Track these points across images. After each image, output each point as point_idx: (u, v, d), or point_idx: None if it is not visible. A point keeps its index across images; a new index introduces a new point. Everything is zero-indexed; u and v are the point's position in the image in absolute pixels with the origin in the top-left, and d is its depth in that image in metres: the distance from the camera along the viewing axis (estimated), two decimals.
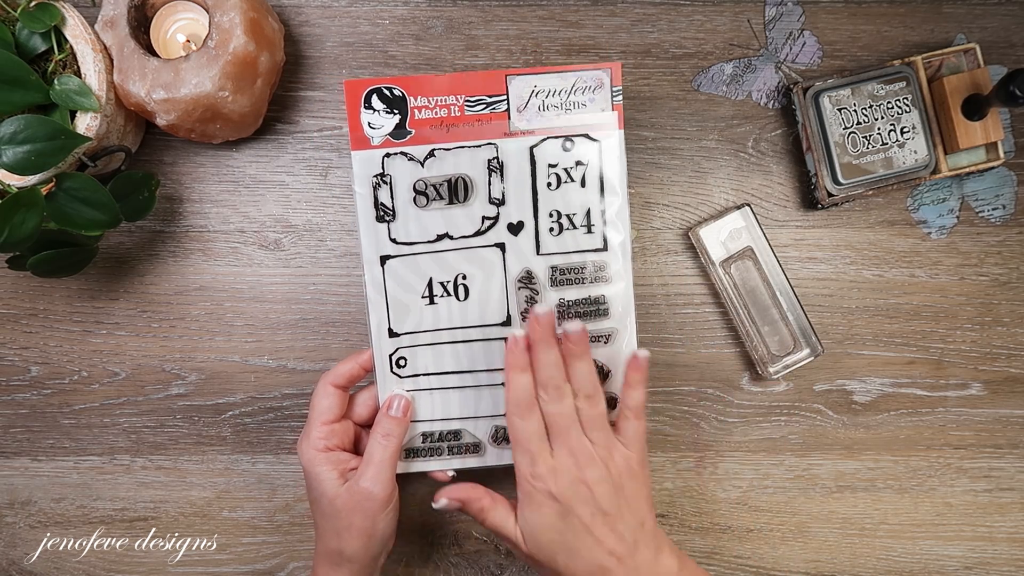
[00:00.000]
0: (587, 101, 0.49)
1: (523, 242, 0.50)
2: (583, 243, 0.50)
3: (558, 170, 0.49)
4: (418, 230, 0.50)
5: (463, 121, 0.49)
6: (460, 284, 0.50)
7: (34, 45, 0.50)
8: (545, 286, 0.50)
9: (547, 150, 0.49)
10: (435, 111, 0.48)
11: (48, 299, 0.58)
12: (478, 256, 0.50)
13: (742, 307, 0.57)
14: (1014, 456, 0.59)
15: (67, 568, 0.59)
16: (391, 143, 0.49)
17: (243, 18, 0.50)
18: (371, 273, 0.50)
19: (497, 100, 0.49)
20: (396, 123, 0.48)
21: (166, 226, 0.58)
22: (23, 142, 0.46)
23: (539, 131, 0.49)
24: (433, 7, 0.58)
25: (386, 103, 0.48)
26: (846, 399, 0.59)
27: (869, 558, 0.59)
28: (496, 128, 0.49)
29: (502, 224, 0.50)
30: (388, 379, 0.51)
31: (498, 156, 0.49)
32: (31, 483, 0.59)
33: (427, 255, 0.50)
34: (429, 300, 0.50)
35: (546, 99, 0.49)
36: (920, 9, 0.58)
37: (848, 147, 0.55)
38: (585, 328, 0.46)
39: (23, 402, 0.58)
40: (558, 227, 0.50)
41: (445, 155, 0.49)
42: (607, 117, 0.49)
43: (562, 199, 0.50)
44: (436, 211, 0.49)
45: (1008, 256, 0.58)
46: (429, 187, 0.49)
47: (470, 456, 0.52)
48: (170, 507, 0.59)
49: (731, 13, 0.58)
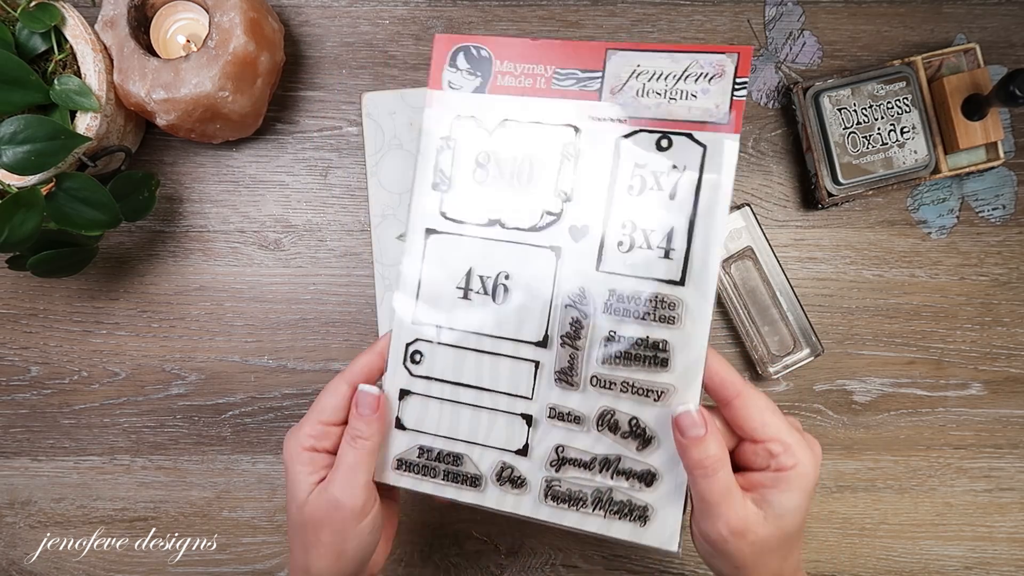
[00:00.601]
0: (699, 92, 0.40)
1: (584, 251, 0.41)
2: (656, 270, 0.40)
3: (645, 172, 0.40)
4: (470, 208, 0.43)
5: (547, 95, 0.42)
6: (501, 283, 0.43)
7: (34, 45, 0.50)
8: (597, 310, 0.41)
9: (637, 145, 0.41)
10: (519, 79, 0.42)
11: (48, 299, 0.58)
12: (528, 256, 0.42)
13: (742, 307, 0.57)
14: (1014, 456, 0.59)
15: (67, 568, 0.59)
16: (465, 106, 0.43)
17: (243, 18, 0.50)
18: (412, 246, 0.43)
19: (590, 76, 0.41)
20: (476, 86, 0.42)
21: (166, 226, 0.58)
22: (23, 142, 0.46)
23: (632, 120, 0.40)
24: (433, 7, 0.58)
25: (471, 63, 0.42)
26: (846, 399, 0.59)
27: (869, 558, 0.59)
28: (582, 109, 0.41)
29: (563, 224, 0.41)
30: (398, 372, 0.44)
31: (576, 142, 0.41)
32: (31, 483, 0.59)
33: (473, 240, 0.43)
34: (464, 294, 0.43)
35: (648, 83, 0.40)
36: (920, 9, 0.58)
37: (848, 147, 0.55)
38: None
39: (23, 402, 0.58)
40: (629, 242, 0.41)
41: (518, 129, 0.42)
42: (722, 115, 0.39)
43: (642, 209, 0.40)
44: (494, 190, 0.42)
45: (1008, 256, 0.58)
46: (492, 161, 0.42)
47: (467, 489, 0.43)
48: (170, 507, 0.59)
49: (731, 13, 0.58)
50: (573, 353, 0.41)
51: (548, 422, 0.42)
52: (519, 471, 0.43)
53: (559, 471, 0.42)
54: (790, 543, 0.39)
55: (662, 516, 0.41)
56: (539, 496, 0.42)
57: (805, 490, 0.38)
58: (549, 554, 0.59)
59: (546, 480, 0.42)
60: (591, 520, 0.42)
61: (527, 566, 0.59)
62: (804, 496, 0.38)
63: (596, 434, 0.42)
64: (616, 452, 0.41)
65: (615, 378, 0.41)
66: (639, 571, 0.59)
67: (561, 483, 0.42)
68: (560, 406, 0.42)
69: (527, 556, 0.59)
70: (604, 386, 0.41)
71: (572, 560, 0.59)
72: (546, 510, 0.42)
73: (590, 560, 0.59)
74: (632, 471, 0.41)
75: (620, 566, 0.59)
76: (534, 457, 0.42)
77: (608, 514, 0.42)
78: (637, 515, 0.41)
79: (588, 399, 0.41)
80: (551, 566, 0.59)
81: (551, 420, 0.42)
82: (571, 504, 0.42)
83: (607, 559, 0.59)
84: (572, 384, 0.42)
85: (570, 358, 0.42)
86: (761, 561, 0.39)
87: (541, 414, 0.42)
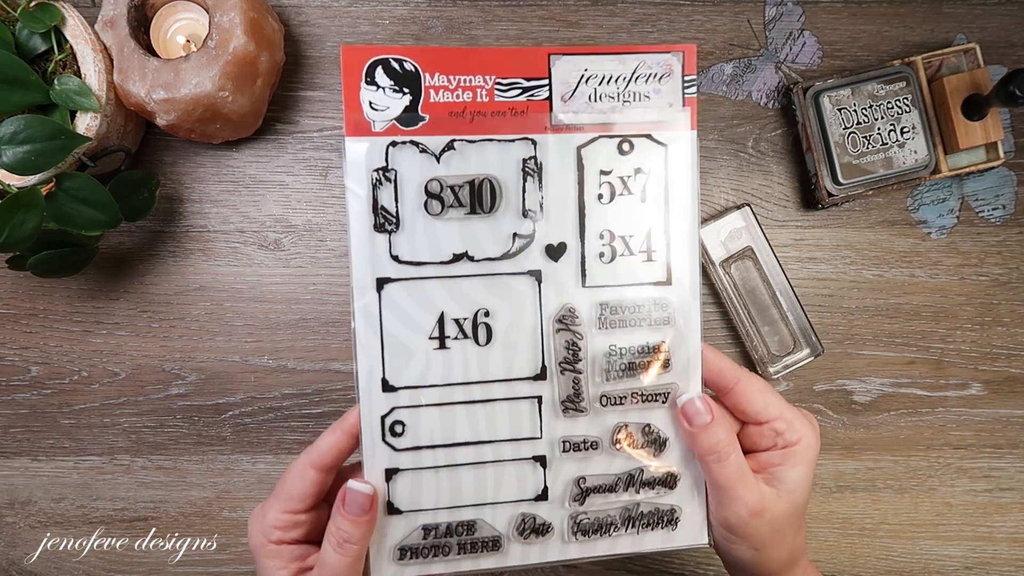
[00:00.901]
0: (651, 92, 0.39)
1: (564, 270, 0.39)
2: (641, 274, 0.39)
3: (612, 179, 0.39)
4: (428, 246, 0.38)
5: (492, 109, 0.38)
6: (481, 323, 0.39)
7: (34, 45, 0.50)
8: (591, 328, 0.39)
9: (599, 151, 0.39)
10: (456, 94, 0.38)
11: (48, 299, 0.58)
12: (505, 287, 0.39)
13: (742, 307, 0.57)
14: (1014, 456, 0.59)
15: (67, 568, 0.59)
16: (398, 130, 0.37)
17: (243, 18, 0.50)
18: (362, 301, 0.38)
19: (537, 85, 0.38)
20: (405, 105, 0.37)
21: (166, 226, 0.58)
22: (23, 142, 0.46)
23: (589, 127, 0.39)
24: (433, 7, 0.58)
25: (394, 79, 0.37)
26: (846, 399, 0.59)
27: (869, 558, 0.59)
28: (534, 120, 0.38)
29: (538, 245, 0.39)
30: (378, 450, 0.38)
31: (536, 156, 0.38)
32: (31, 483, 0.59)
33: (438, 280, 0.38)
34: (439, 343, 0.39)
35: (599, 87, 0.39)
36: (920, 9, 0.58)
37: (848, 147, 0.55)
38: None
39: (23, 402, 0.58)
40: (611, 252, 0.39)
41: (468, 149, 0.38)
42: (676, 114, 0.39)
43: (616, 216, 0.39)
44: (453, 222, 0.38)
45: (1008, 256, 0.58)
46: (446, 189, 0.38)
47: (486, 555, 0.40)
48: (170, 507, 0.59)
49: (731, 13, 0.58)
50: (576, 378, 0.40)
51: (562, 456, 0.40)
52: (542, 517, 0.40)
53: (583, 504, 0.40)
54: (800, 517, 0.41)
55: (688, 513, 0.41)
56: (567, 535, 0.41)
57: (812, 461, 0.40)
58: None
59: (572, 516, 0.40)
60: (622, 541, 0.41)
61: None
62: (810, 468, 0.40)
63: (611, 452, 0.40)
64: (635, 465, 0.41)
65: (623, 391, 0.40)
66: (639, 571, 0.59)
67: (588, 515, 0.41)
68: (572, 436, 0.40)
69: None
70: (614, 403, 0.40)
71: None
72: (575, 547, 0.41)
73: (590, 560, 0.59)
74: (655, 478, 0.41)
75: (620, 566, 0.59)
76: (554, 498, 0.40)
77: (640, 529, 0.41)
78: (667, 520, 0.41)
79: (598, 420, 0.40)
80: (551, 566, 0.59)
81: (565, 454, 0.40)
82: (601, 532, 0.41)
83: (607, 559, 0.59)
84: (581, 410, 0.40)
85: (574, 383, 0.40)
86: (779, 538, 0.39)
87: (554, 450, 0.40)
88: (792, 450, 0.39)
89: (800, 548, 0.42)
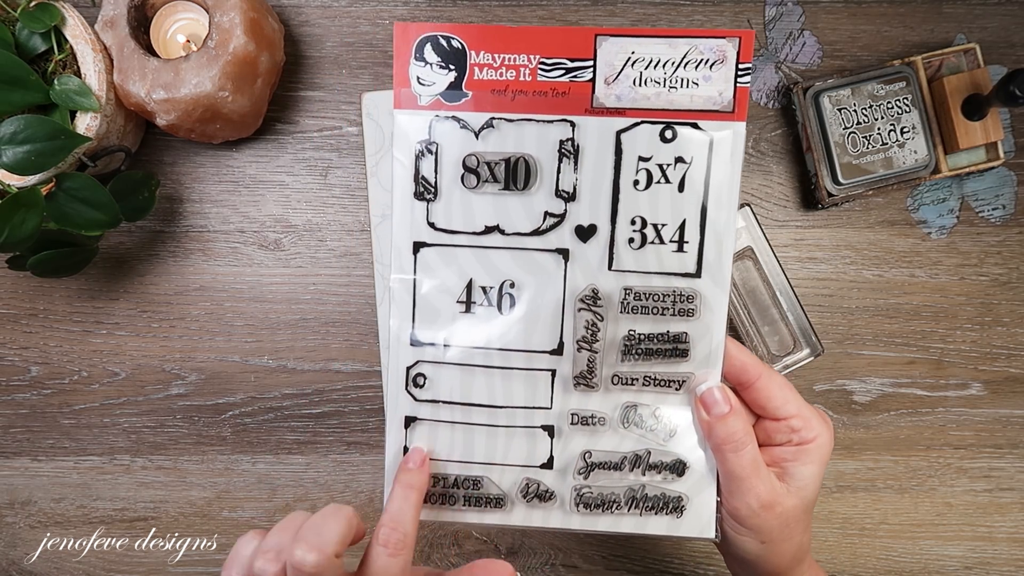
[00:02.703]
0: (701, 79, 0.37)
1: (593, 252, 0.39)
2: (670, 264, 0.39)
3: (651, 165, 0.38)
4: (463, 217, 0.39)
5: (534, 89, 0.38)
6: (507, 293, 0.40)
7: (34, 45, 0.50)
8: (614, 311, 0.40)
9: (639, 137, 0.38)
10: (500, 72, 0.38)
11: (48, 299, 0.58)
12: (533, 261, 0.40)
13: (742, 307, 0.57)
14: (1014, 456, 0.59)
15: (67, 568, 0.59)
16: (442, 105, 0.39)
17: (243, 18, 0.50)
18: (399, 262, 0.40)
19: (581, 66, 0.38)
20: (450, 82, 0.38)
21: (166, 226, 0.58)
22: (23, 142, 0.46)
23: (631, 111, 0.38)
24: (433, 7, 0.58)
25: (441, 56, 0.38)
26: (846, 399, 0.59)
27: (869, 558, 0.59)
28: (576, 101, 0.38)
29: (568, 225, 0.39)
30: (401, 398, 0.41)
31: (574, 138, 0.38)
32: (31, 483, 0.59)
33: (470, 249, 0.40)
34: (466, 307, 0.40)
35: (645, 71, 0.37)
36: (920, 9, 0.58)
37: (848, 147, 0.55)
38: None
39: (23, 402, 0.58)
40: (640, 238, 0.39)
41: (507, 127, 0.38)
42: (726, 103, 0.37)
43: (651, 204, 0.39)
44: (488, 196, 0.39)
45: (1008, 256, 0.58)
46: (482, 164, 0.39)
47: (491, 510, 0.41)
48: (170, 507, 0.59)
49: (731, 13, 0.58)
50: (591, 356, 0.40)
51: (571, 429, 0.41)
52: (545, 484, 0.41)
53: (588, 478, 0.41)
54: (809, 514, 0.41)
55: (697, 504, 0.41)
56: (569, 505, 0.41)
57: (824, 460, 0.40)
58: (549, 554, 0.59)
59: (575, 488, 0.41)
60: (625, 520, 0.41)
61: (527, 566, 0.59)
62: (822, 466, 0.40)
63: (623, 432, 0.41)
64: (644, 447, 0.41)
65: (636, 374, 0.41)
66: (639, 571, 0.59)
67: (592, 489, 0.41)
68: (582, 410, 0.41)
69: (527, 556, 0.59)
70: (626, 383, 0.41)
71: (572, 560, 0.59)
72: (577, 518, 0.41)
73: (590, 560, 0.59)
74: (663, 463, 0.41)
75: (620, 566, 0.59)
76: (560, 468, 0.41)
77: (644, 511, 0.41)
78: (672, 507, 0.41)
79: (609, 398, 0.41)
80: (551, 566, 0.59)
81: (574, 427, 0.41)
82: (604, 508, 0.41)
83: (607, 559, 0.59)
84: (591, 386, 0.41)
85: (588, 361, 0.40)
86: (787, 533, 0.40)
87: (563, 422, 0.41)
88: (806, 447, 0.40)
89: (806, 546, 0.42)
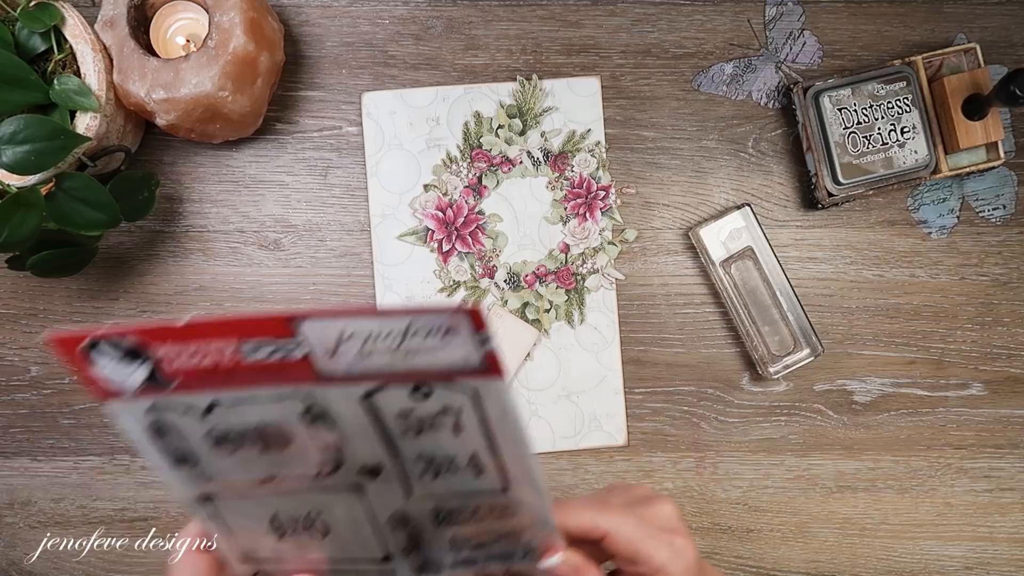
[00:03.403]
0: (436, 346, 0.32)
1: (385, 487, 0.35)
2: (474, 484, 0.35)
3: (414, 419, 0.33)
4: (236, 469, 0.35)
5: (244, 369, 0.32)
6: (315, 519, 0.36)
7: (34, 45, 0.50)
8: (429, 527, 0.36)
9: (391, 399, 0.33)
10: (197, 359, 0.32)
11: (48, 299, 0.58)
12: (327, 498, 0.36)
13: (742, 307, 0.57)
14: (1014, 456, 0.59)
15: (67, 568, 0.59)
16: (153, 390, 0.32)
17: (243, 18, 0.50)
18: (199, 514, 0.36)
19: (288, 344, 0.32)
20: (148, 373, 0.32)
21: (166, 226, 0.58)
22: (23, 142, 0.46)
23: (367, 378, 0.32)
24: (433, 7, 0.58)
25: (120, 351, 0.32)
26: (846, 399, 0.59)
27: (869, 558, 0.59)
28: (300, 373, 0.32)
29: (349, 470, 0.35)
30: None
31: (314, 406, 0.33)
32: (31, 483, 0.59)
33: (253, 500, 0.36)
34: (279, 535, 0.37)
35: (366, 344, 0.32)
36: (920, 9, 0.58)
37: (848, 147, 0.55)
38: None
39: (23, 402, 0.58)
40: (432, 472, 0.35)
41: (237, 403, 0.33)
42: (476, 363, 0.32)
43: (430, 445, 0.34)
44: (252, 456, 0.34)
45: (1008, 256, 0.58)
46: (232, 434, 0.33)
47: None
48: (170, 507, 0.58)
49: (731, 13, 0.58)
50: (421, 549, 0.38)
51: None
52: None
53: None
54: None
55: None
56: None
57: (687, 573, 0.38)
58: None
59: None
60: None
61: None
62: None
63: None
64: None
65: (476, 556, 0.38)
66: None
67: None
68: None
69: None
70: (469, 562, 0.38)
71: None
72: None
73: None
74: None
75: None
76: None
77: None
78: None
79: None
80: None
81: None
82: None
83: None
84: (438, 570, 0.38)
85: (423, 559, 0.38)
86: None
87: None
88: None
89: None
